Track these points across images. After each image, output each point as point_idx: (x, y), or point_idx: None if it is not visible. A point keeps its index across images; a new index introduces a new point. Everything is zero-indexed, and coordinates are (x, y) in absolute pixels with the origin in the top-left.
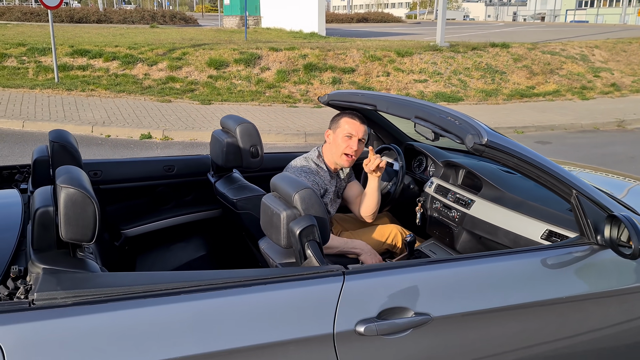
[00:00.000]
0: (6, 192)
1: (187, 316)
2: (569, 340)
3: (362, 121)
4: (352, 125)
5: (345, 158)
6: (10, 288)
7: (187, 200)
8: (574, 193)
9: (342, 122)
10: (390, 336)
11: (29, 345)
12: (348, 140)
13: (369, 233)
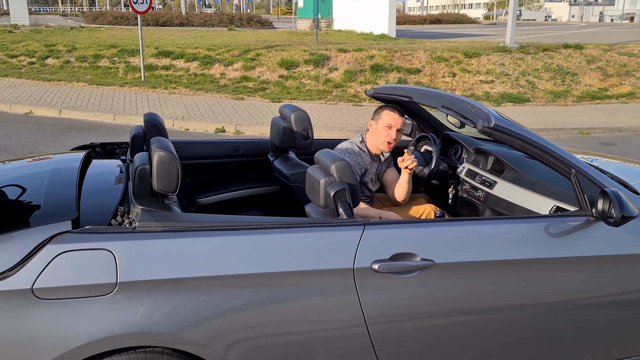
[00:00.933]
0: (112, 161)
1: (244, 246)
2: (558, 297)
3: (400, 114)
4: (391, 117)
5: (387, 144)
6: (118, 221)
7: (250, 177)
8: (573, 172)
9: (384, 114)
10: (400, 275)
11: (131, 254)
12: (388, 130)
13: (406, 210)
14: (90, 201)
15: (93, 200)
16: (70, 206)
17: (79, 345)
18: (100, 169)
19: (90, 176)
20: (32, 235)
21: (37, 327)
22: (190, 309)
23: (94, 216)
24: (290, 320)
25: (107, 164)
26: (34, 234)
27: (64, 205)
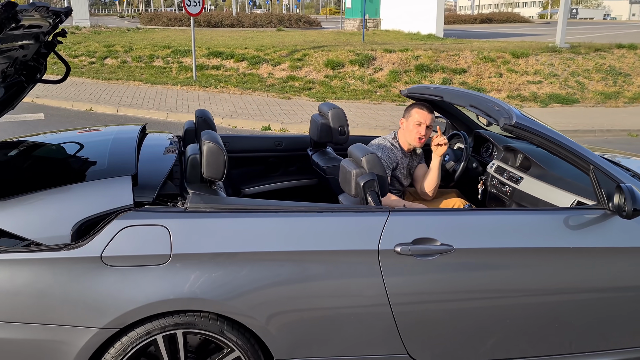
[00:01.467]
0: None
1: (280, 226)
2: (572, 285)
3: (429, 111)
4: (421, 114)
5: (417, 140)
6: (172, 203)
7: (291, 170)
8: (591, 167)
9: (413, 112)
10: (421, 257)
11: (183, 230)
12: (418, 127)
13: (437, 203)
14: (146, 164)
15: (148, 163)
16: (131, 165)
17: (138, 307)
18: (154, 141)
19: (146, 145)
20: (106, 183)
21: (104, 290)
22: (233, 280)
23: (149, 176)
24: (320, 295)
25: (160, 136)
26: (108, 183)
27: (128, 164)
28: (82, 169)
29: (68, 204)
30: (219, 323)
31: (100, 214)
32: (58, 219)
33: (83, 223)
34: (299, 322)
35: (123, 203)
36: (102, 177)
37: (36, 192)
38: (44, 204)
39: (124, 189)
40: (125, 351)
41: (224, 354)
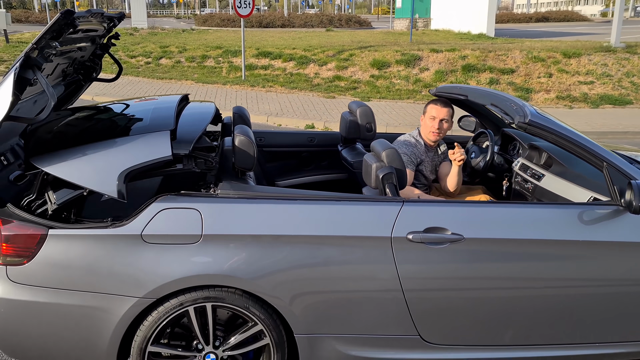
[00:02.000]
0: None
1: (302, 212)
2: (579, 276)
3: (444, 105)
4: (434, 109)
5: (432, 134)
6: (204, 189)
7: (322, 164)
8: (605, 164)
9: (428, 107)
10: (432, 245)
11: (213, 214)
12: (432, 120)
13: (463, 199)
14: (185, 123)
15: (187, 122)
16: (170, 122)
17: (172, 280)
18: (194, 107)
19: (187, 109)
20: (148, 137)
21: (143, 264)
22: (258, 261)
23: (186, 132)
24: (337, 277)
25: (201, 103)
26: (149, 136)
27: (167, 121)
28: (128, 127)
29: (115, 154)
30: (244, 299)
31: (143, 164)
32: (106, 168)
33: (129, 172)
34: (317, 301)
35: (162, 154)
36: (144, 132)
37: (87, 145)
38: (95, 155)
39: (163, 141)
40: (160, 320)
41: (248, 327)
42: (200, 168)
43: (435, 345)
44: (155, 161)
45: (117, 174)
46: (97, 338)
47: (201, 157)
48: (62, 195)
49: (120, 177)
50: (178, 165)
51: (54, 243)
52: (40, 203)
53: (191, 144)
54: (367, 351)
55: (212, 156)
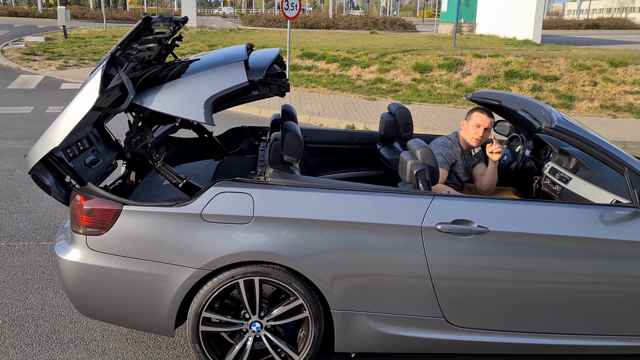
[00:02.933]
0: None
1: (343, 201)
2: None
3: (489, 115)
4: (480, 117)
5: (475, 140)
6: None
7: (362, 161)
8: (626, 169)
9: (474, 115)
10: (458, 235)
11: (264, 198)
12: (477, 128)
13: None
14: (255, 57)
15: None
16: (242, 54)
17: (226, 255)
18: (261, 51)
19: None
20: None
21: (202, 239)
22: (302, 242)
23: (257, 62)
24: (371, 260)
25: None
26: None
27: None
28: (207, 65)
29: (198, 86)
30: (288, 275)
31: (224, 91)
32: (193, 98)
33: (213, 100)
34: (352, 281)
35: (240, 81)
36: (220, 65)
37: (174, 81)
38: (182, 89)
39: (239, 70)
40: (214, 289)
41: (290, 300)
42: (274, 93)
43: (458, 328)
44: (234, 88)
45: (203, 102)
46: (159, 303)
47: (274, 83)
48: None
49: (206, 104)
50: (254, 92)
51: (127, 217)
52: (138, 139)
53: (263, 71)
54: (395, 329)
55: (284, 81)
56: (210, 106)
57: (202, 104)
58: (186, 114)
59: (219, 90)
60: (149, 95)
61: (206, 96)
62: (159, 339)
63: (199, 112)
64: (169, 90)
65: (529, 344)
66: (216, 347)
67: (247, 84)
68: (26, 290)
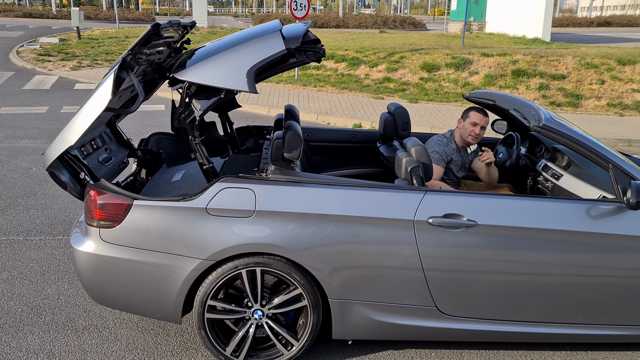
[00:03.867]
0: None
1: (339, 195)
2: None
3: (484, 114)
4: (477, 116)
5: (471, 138)
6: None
7: (363, 159)
8: (610, 166)
9: (471, 114)
10: (449, 229)
11: (265, 193)
12: (473, 126)
13: None
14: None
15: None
16: (278, 25)
17: (230, 246)
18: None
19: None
20: (262, 38)
21: (207, 231)
22: (301, 235)
23: (292, 32)
24: (367, 252)
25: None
26: (263, 38)
27: (298, 29)
28: (244, 38)
29: (239, 57)
30: (288, 266)
31: (264, 60)
32: (235, 68)
33: (255, 69)
34: (348, 271)
35: (278, 49)
36: (257, 36)
37: (214, 56)
38: (223, 61)
39: (277, 39)
40: (219, 279)
41: (290, 290)
42: (310, 59)
43: (449, 316)
44: (273, 56)
45: (246, 72)
46: (168, 291)
47: (310, 50)
48: (203, 104)
49: (249, 73)
50: (291, 60)
51: (137, 211)
52: (187, 113)
53: (299, 39)
54: (390, 317)
55: (319, 47)
56: (252, 75)
57: (245, 73)
58: (231, 84)
59: (259, 60)
60: (192, 71)
61: (248, 66)
62: (168, 327)
63: (242, 81)
64: (212, 64)
65: (517, 332)
66: (221, 334)
67: (285, 52)
68: (43, 281)
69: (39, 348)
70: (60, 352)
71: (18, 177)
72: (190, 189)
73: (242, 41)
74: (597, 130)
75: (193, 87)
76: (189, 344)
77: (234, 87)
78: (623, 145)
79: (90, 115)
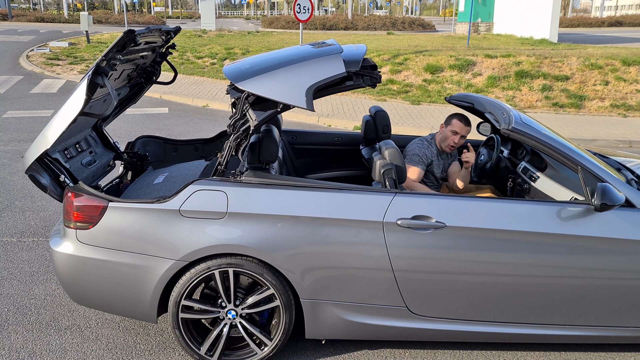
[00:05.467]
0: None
1: (310, 198)
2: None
3: (466, 123)
4: (458, 125)
5: (449, 147)
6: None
7: (347, 162)
8: (579, 168)
9: (453, 121)
10: (417, 230)
11: (237, 196)
12: (453, 135)
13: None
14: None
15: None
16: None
17: (202, 247)
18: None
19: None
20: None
21: (179, 232)
22: (272, 236)
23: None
24: (337, 253)
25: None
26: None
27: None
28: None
29: (300, 74)
30: (260, 267)
31: (323, 80)
32: (295, 85)
33: (314, 88)
34: (319, 272)
35: (338, 71)
36: (319, 56)
37: (276, 70)
38: (284, 76)
39: (338, 61)
40: (192, 279)
41: (262, 290)
42: (367, 84)
43: (419, 316)
44: (333, 77)
45: (305, 90)
46: (143, 291)
47: (367, 75)
48: (259, 115)
49: (308, 92)
50: (348, 82)
51: (112, 213)
52: (243, 122)
53: (359, 64)
54: (361, 317)
55: (376, 73)
56: (311, 94)
57: (304, 91)
58: (290, 100)
59: (319, 79)
60: (253, 82)
61: (307, 84)
62: (148, 327)
63: (301, 99)
64: (273, 77)
65: (490, 333)
66: (196, 333)
67: (345, 74)
68: (32, 282)
69: (21, 347)
70: (42, 350)
71: (18, 179)
72: (170, 191)
73: (304, 59)
74: (598, 132)
75: (252, 97)
76: (167, 343)
77: (293, 103)
78: (624, 147)
79: (64, 120)
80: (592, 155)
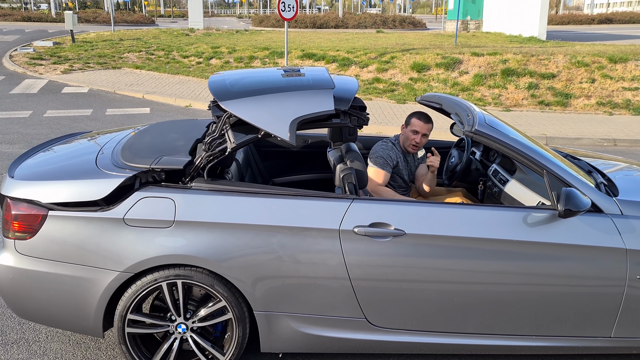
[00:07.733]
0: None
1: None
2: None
3: (426, 121)
4: (418, 124)
5: (412, 147)
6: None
7: (316, 165)
8: (545, 172)
9: (412, 120)
10: (375, 238)
11: (185, 203)
12: (414, 135)
13: (441, 200)
14: (340, 84)
15: (341, 85)
16: (331, 83)
17: (148, 258)
18: (342, 78)
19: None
20: (319, 92)
21: (124, 242)
22: (222, 245)
23: (343, 92)
24: (291, 262)
25: (345, 76)
26: (316, 92)
27: (328, 82)
28: (295, 85)
29: (288, 104)
30: (210, 278)
31: (310, 115)
32: (281, 115)
33: (300, 121)
34: (273, 283)
35: (327, 108)
36: (310, 89)
37: (264, 95)
38: (271, 104)
39: (328, 97)
40: (138, 292)
41: (214, 302)
42: (353, 124)
43: (379, 328)
44: (320, 113)
45: (290, 121)
46: (86, 304)
47: (355, 115)
48: (238, 138)
49: (292, 124)
50: (334, 120)
51: (52, 222)
52: (220, 142)
53: (349, 102)
54: (318, 330)
55: (364, 114)
56: (295, 126)
57: (289, 123)
58: (273, 129)
59: (306, 113)
60: (238, 103)
61: (294, 116)
62: (99, 341)
63: (284, 130)
64: (258, 102)
65: (453, 344)
66: (144, 348)
67: (333, 112)
68: None
69: None
70: None
71: None
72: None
73: (294, 88)
74: (583, 130)
75: (233, 118)
76: (119, 357)
77: (276, 132)
78: (608, 145)
79: None
80: (561, 158)
